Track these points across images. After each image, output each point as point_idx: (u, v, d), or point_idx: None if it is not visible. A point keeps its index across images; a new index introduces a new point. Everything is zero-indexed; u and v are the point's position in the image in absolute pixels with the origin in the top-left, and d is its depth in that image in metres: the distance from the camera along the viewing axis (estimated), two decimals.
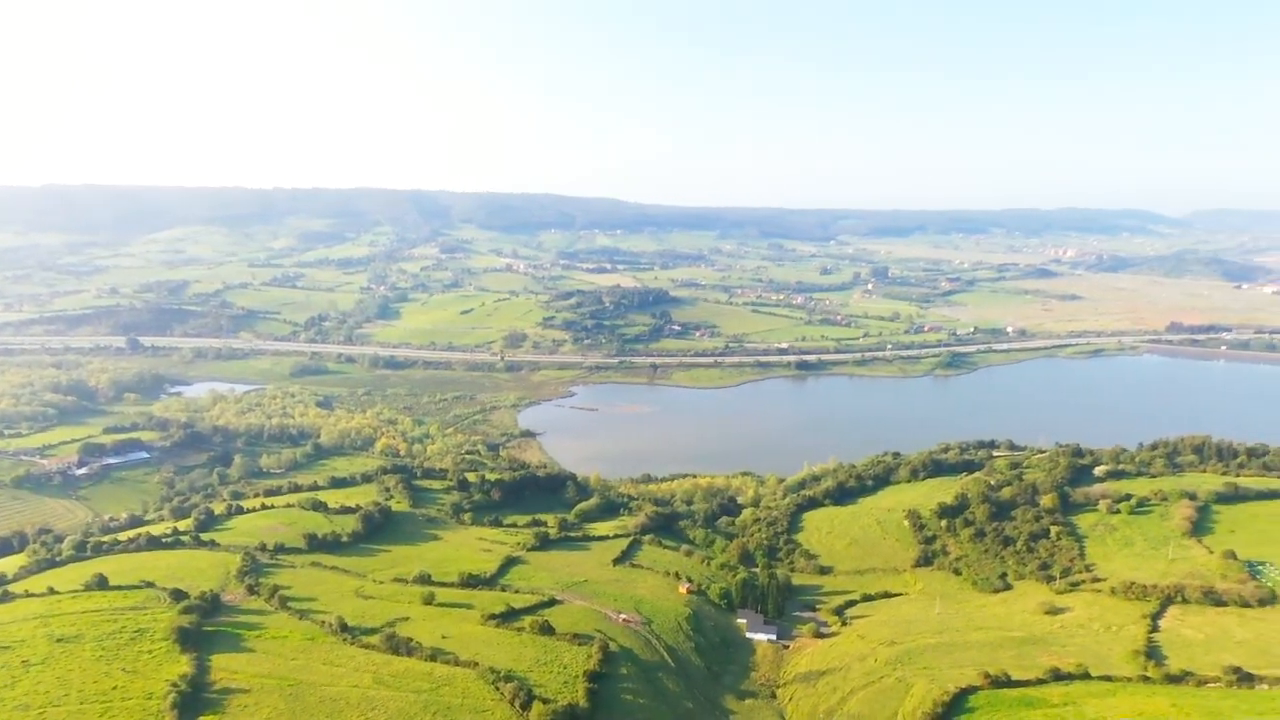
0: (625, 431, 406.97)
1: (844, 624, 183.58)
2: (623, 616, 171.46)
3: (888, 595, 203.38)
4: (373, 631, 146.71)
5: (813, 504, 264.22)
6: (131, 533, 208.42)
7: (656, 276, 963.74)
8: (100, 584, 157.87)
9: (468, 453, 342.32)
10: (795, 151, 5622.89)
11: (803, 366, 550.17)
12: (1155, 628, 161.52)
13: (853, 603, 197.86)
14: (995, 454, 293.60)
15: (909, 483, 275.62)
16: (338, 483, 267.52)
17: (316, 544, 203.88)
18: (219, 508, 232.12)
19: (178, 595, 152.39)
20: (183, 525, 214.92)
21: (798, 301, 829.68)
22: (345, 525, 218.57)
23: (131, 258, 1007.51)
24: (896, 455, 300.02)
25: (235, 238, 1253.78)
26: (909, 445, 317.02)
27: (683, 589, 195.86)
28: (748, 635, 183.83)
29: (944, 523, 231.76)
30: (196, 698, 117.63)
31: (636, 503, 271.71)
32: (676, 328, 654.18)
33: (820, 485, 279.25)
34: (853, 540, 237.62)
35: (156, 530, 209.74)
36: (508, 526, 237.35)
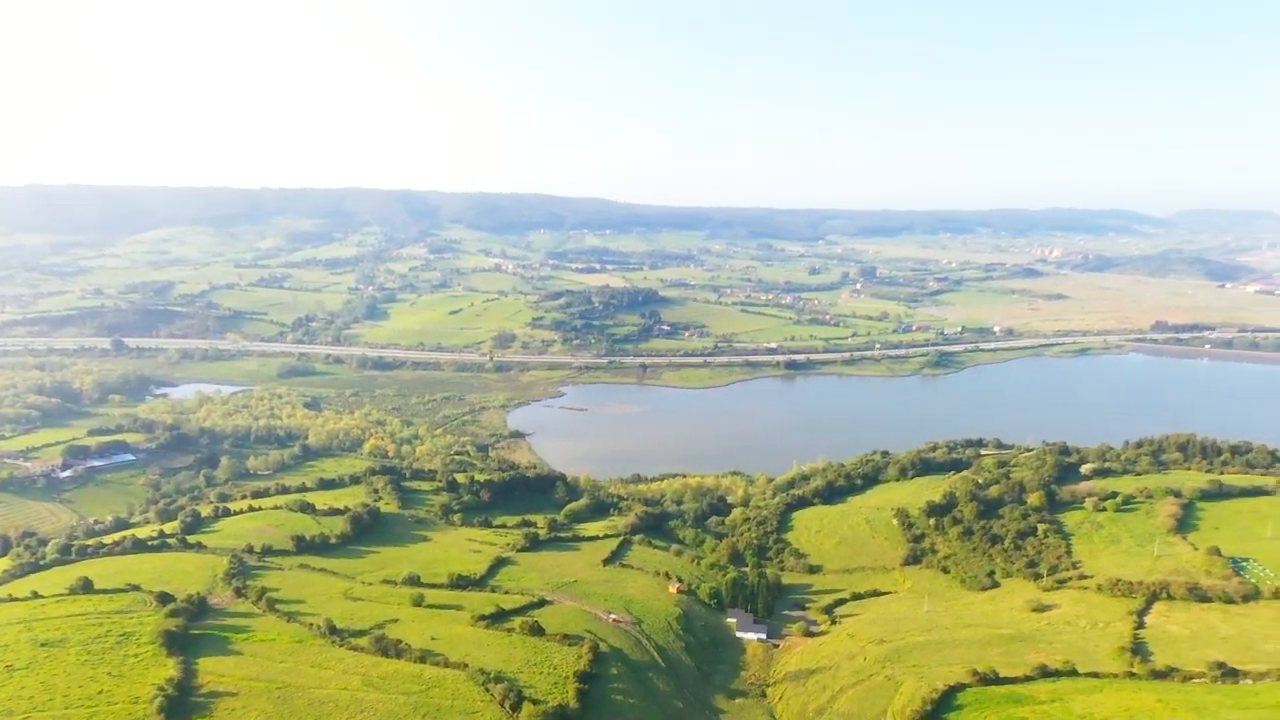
0: (615, 431, 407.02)
1: (833, 623, 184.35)
2: (613, 617, 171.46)
3: (877, 594, 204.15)
4: (362, 633, 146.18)
5: (802, 503, 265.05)
6: (117, 535, 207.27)
7: (646, 276, 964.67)
8: (85, 587, 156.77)
9: (457, 453, 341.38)
10: (784, 152, 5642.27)
11: (792, 366, 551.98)
12: (1141, 624, 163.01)
13: (842, 601, 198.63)
14: (983, 453, 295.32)
15: (897, 481, 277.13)
16: (326, 484, 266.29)
17: (305, 546, 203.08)
18: (206, 510, 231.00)
19: (164, 598, 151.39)
20: (169, 528, 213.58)
21: (786, 301, 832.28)
22: (334, 527, 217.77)
23: (116, 258, 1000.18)
24: (885, 454, 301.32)
25: (222, 238, 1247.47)
26: (897, 444, 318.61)
27: (673, 589, 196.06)
28: (738, 634, 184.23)
29: (932, 521, 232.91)
30: (183, 701, 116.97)
31: (626, 503, 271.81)
32: (666, 328, 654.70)
33: (809, 484, 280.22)
34: (842, 539, 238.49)
35: (142, 533, 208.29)
36: (497, 527, 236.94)
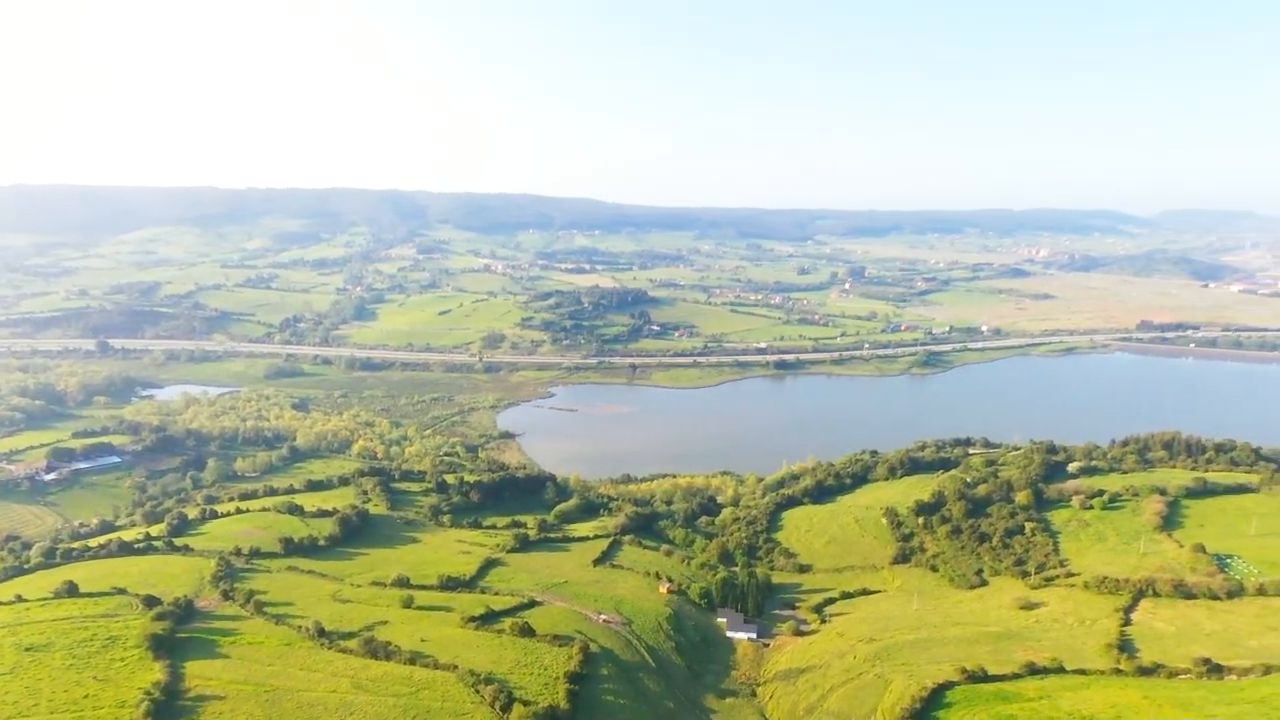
0: (605, 432, 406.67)
1: (823, 622, 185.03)
2: (603, 617, 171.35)
3: (866, 592, 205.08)
4: (351, 635, 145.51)
5: (792, 503, 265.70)
6: (102, 538, 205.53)
7: (635, 277, 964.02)
8: (70, 591, 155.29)
9: (446, 454, 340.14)
10: (774, 153, 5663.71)
11: (781, 366, 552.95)
12: (1128, 621, 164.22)
13: (832, 600, 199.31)
14: (971, 452, 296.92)
15: (887, 481, 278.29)
16: (314, 486, 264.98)
17: (293, 548, 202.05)
18: (193, 512, 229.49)
19: (150, 602, 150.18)
20: (155, 530, 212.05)
21: (776, 301, 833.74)
22: (322, 529, 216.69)
23: (101, 259, 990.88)
24: (874, 454, 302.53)
25: (208, 238, 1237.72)
26: (886, 444, 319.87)
27: (663, 589, 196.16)
28: (728, 634, 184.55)
29: (921, 520, 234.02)
30: (170, 705, 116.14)
31: (616, 503, 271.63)
32: (655, 328, 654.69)
33: (799, 484, 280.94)
34: (831, 538, 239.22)
35: (128, 536, 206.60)
36: (487, 528, 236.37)
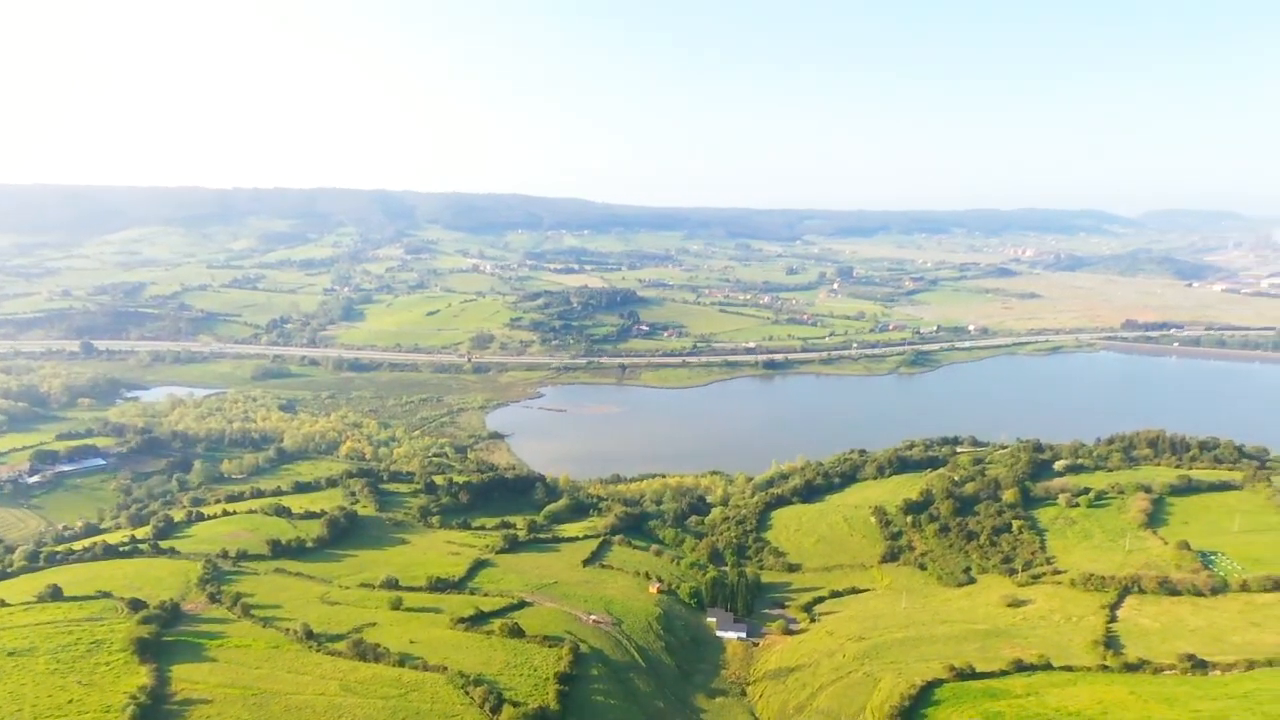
0: (594, 432, 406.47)
1: (813, 620, 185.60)
2: (593, 617, 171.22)
3: (855, 591, 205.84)
4: (339, 638, 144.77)
5: (781, 502, 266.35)
6: (87, 541, 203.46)
7: (624, 277, 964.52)
8: (54, 595, 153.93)
9: (435, 455, 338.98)
10: (762, 153, 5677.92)
11: (770, 366, 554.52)
12: (1113, 618, 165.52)
13: (821, 599, 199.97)
14: (959, 450, 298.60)
15: (875, 480, 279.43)
16: (302, 487, 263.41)
17: (280, 550, 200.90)
18: (179, 515, 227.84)
19: (136, 605, 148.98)
20: (141, 533, 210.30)
21: (765, 301, 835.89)
22: (310, 530, 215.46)
23: (85, 259, 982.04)
24: (863, 453, 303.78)
25: (193, 239, 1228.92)
26: (875, 443, 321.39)
27: (653, 589, 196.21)
28: (718, 633, 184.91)
29: (909, 519, 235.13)
30: (156, 710, 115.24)
31: (606, 503, 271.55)
32: (644, 328, 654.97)
33: (788, 483, 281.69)
34: (820, 537, 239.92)
35: (113, 539, 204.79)
36: (476, 529, 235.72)
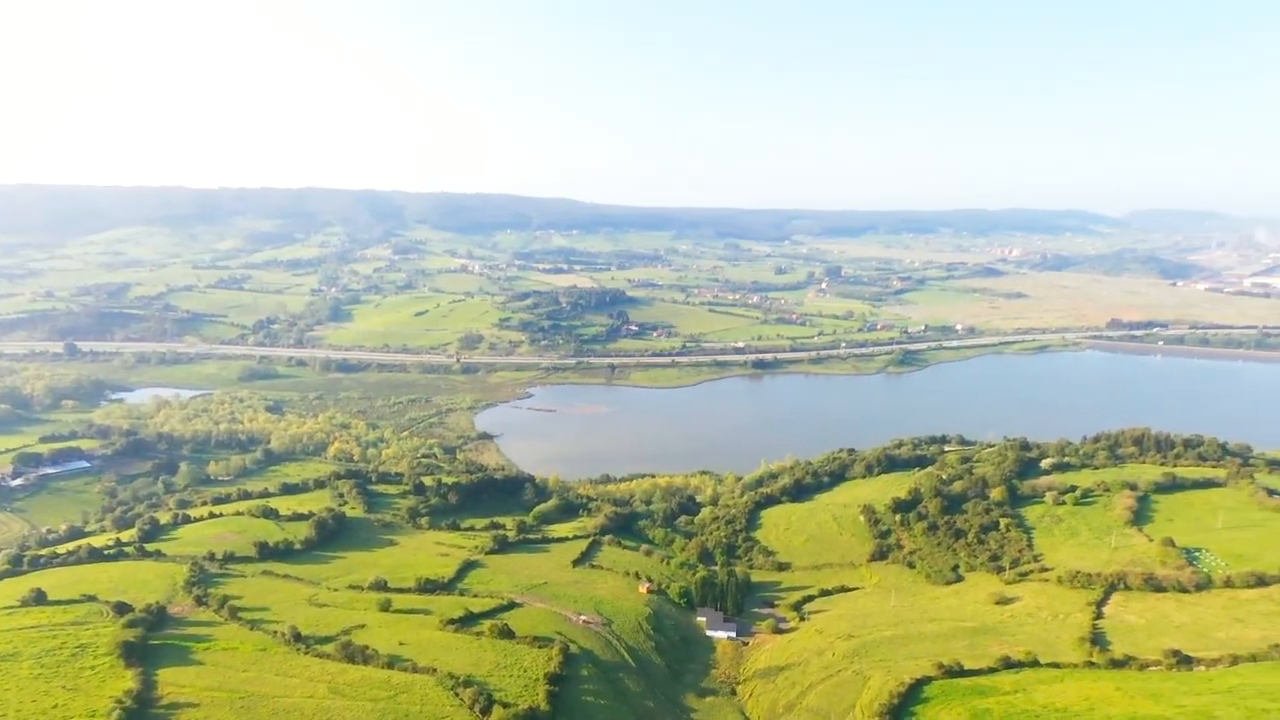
0: (583, 432, 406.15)
1: (802, 619, 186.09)
2: (583, 618, 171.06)
3: (844, 590, 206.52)
4: (327, 640, 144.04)
5: (770, 501, 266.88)
6: (71, 545, 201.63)
7: (613, 277, 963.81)
8: (38, 599, 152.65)
9: (424, 456, 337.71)
10: (751, 153, 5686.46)
11: (759, 365, 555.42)
12: (1100, 614, 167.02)
13: (810, 598, 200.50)
14: (946, 449, 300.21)
15: (864, 479, 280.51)
16: (289, 489, 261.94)
17: (268, 552, 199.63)
18: (164, 517, 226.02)
19: (121, 609, 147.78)
20: (126, 536, 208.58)
21: (754, 301, 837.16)
22: (298, 532, 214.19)
23: (68, 260, 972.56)
24: (852, 452, 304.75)
25: (178, 239, 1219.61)
26: (864, 442, 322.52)
27: (643, 589, 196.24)
28: (708, 633, 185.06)
29: (898, 517, 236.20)
30: (143, 714, 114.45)
31: (595, 503, 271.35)
32: (634, 328, 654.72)
33: (778, 483, 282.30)
34: (810, 536, 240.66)
35: (98, 542, 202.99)
36: (465, 530, 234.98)
